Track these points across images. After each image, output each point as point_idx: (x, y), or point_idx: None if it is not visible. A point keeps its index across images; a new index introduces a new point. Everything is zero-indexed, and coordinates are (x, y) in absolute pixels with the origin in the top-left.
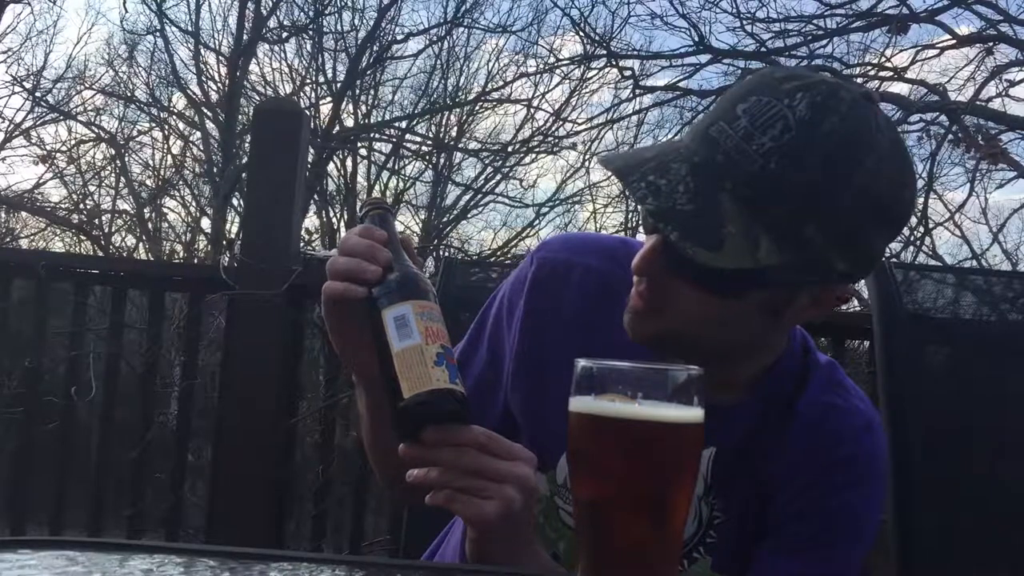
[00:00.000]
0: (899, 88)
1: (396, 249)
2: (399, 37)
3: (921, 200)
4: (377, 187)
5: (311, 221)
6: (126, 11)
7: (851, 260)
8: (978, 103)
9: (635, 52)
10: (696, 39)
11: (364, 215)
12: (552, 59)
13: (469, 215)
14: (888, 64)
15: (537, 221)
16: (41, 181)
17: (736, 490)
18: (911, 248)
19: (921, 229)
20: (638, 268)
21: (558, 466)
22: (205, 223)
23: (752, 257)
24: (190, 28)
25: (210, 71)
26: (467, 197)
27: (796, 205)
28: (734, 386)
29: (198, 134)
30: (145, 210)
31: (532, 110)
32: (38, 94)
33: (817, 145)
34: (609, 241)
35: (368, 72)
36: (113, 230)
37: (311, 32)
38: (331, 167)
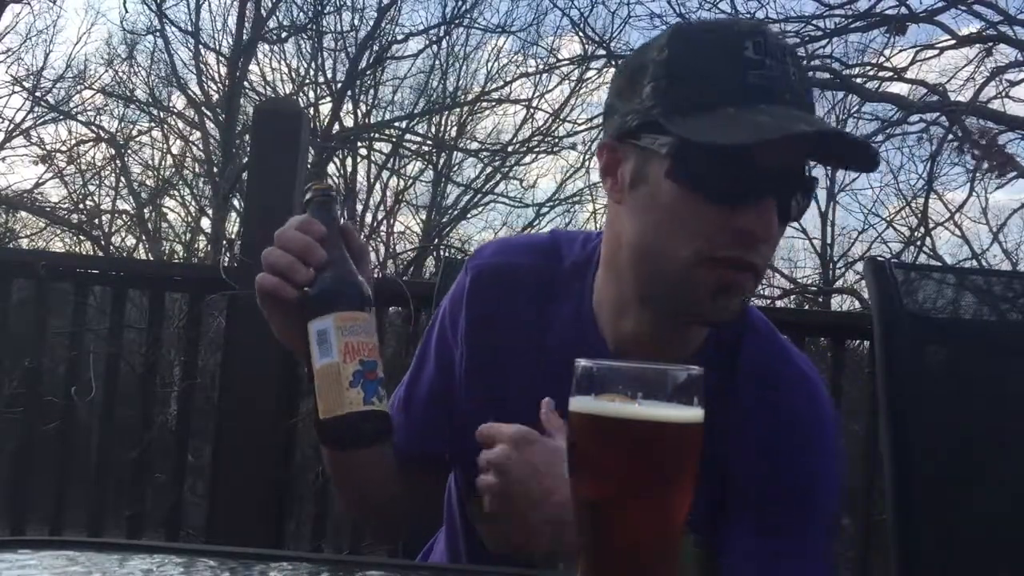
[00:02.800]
0: (899, 88)
1: (335, 245)
2: (399, 37)
3: (921, 200)
4: (377, 187)
5: None
6: (126, 11)
7: None
8: (978, 103)
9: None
10: None
11: (307, 203)
12: (552, 59)
13: (469, 215)
14: (888, 64)
15: (537, 221)
16: (41, 181)
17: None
18: (911, 248)
19: (921, 229)
20: (771, 229)
21: None
22: (205, 223)
23: None
24: (190, 28)
25: (210, 71)
26: (467, 197)
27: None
28: (684, 349)
29: (198, 134)
30: (145, 210)
31: (532, 110)
32: (38, 94)
33: (799, 57)
34: (538, 239)
35: (368, 72)
36: (113, 230)
37: (311, 32)
38: (331, 167)
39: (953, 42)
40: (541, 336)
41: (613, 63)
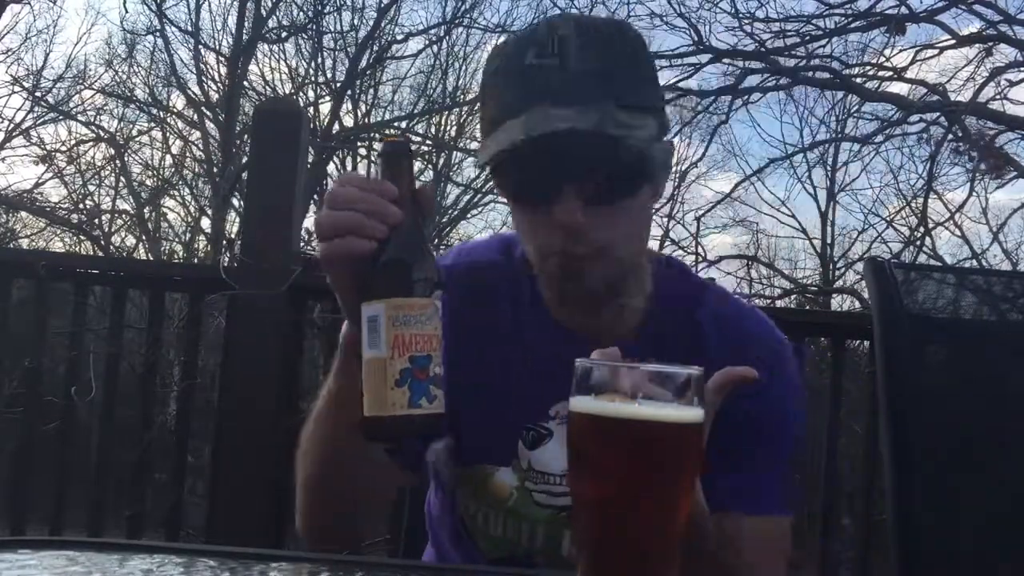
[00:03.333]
0: (899, 88)
1: (405, 212)
2: (399, 37)
3: (921, 200)
4: None
5: (311, 221)
6: (126, 11)
7: (665, 114)
8: (978, 103)
9: None
10: (695, 39)
11: (378, 155)
12: None
13: (469, 215)
14: (888, 64)
15: None
16: (41, 181)
17: None
18: (911, 248)
19: (921, 229)
20: (573, 227)
21: (519, 454)
22: (205, 223)
23: (648, 127)
24: (190, 28)
25: (210, 71)
26: (467, 197)
27: (632, 74)
28: (629, 318)
29: (198, 134)
30: (145, 210)
31: None
32: (38, 94)
33: (600, 34)
34: (488, 240)
35: (368, 72)
36: (113, 230)
37: (311, 32)
38: (331, 167)
39: (953, 42)
40: (503, 327)
41: None
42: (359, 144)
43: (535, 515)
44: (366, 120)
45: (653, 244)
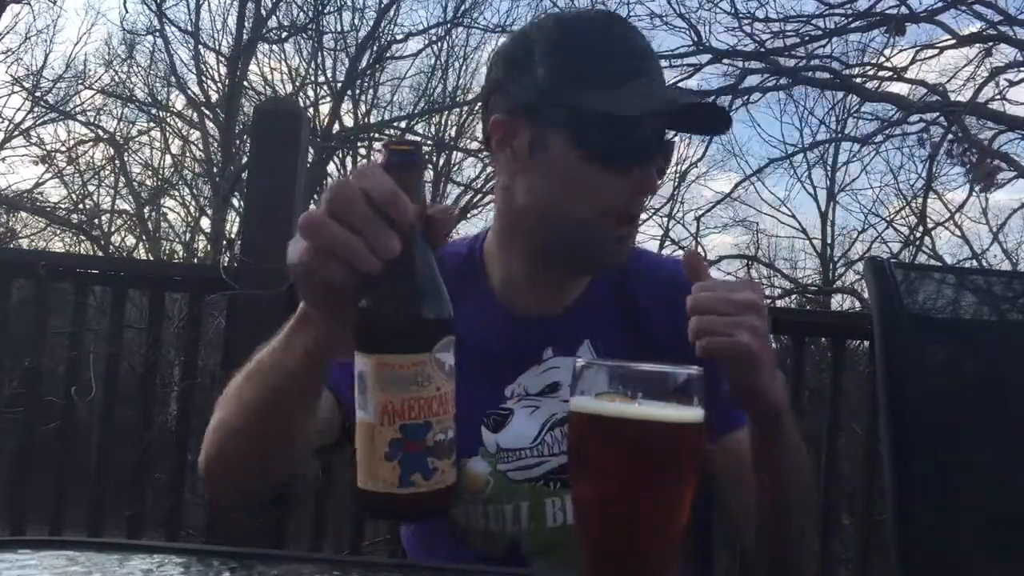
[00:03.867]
0: (899, 88)
1: (410, 239)
2: (399, 37)
3: (920, 200)
4: None
5: None
6: (126, 11)
7: None
8: (977, 104)
9: None
10: (695, 39)
11: (389, 163)
12: None
13: (469, 215)
14: (888, 64)
15: None
16: (41, 181)
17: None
18: (910, 248)
19: (920, 229)
20: (655, 185)
21: (484, 441)
22: (205, 223)
23: None
24: (190, 28)
25: (210, 71)
26: (467, 197)
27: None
28: (578, 284)
29: (198, 134)
30: (145, 210)
31: None
32: (38, 94)
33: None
34: (461, 238)
35: (368, 72)
36: (113, 230)
37: (311, 32)
38: (331, 167)
39: (953, 42)
40: (462, 317)
41: None
42: (359, 144)
43: (515, 492)
44: (366, 120)
45: (654, 244)
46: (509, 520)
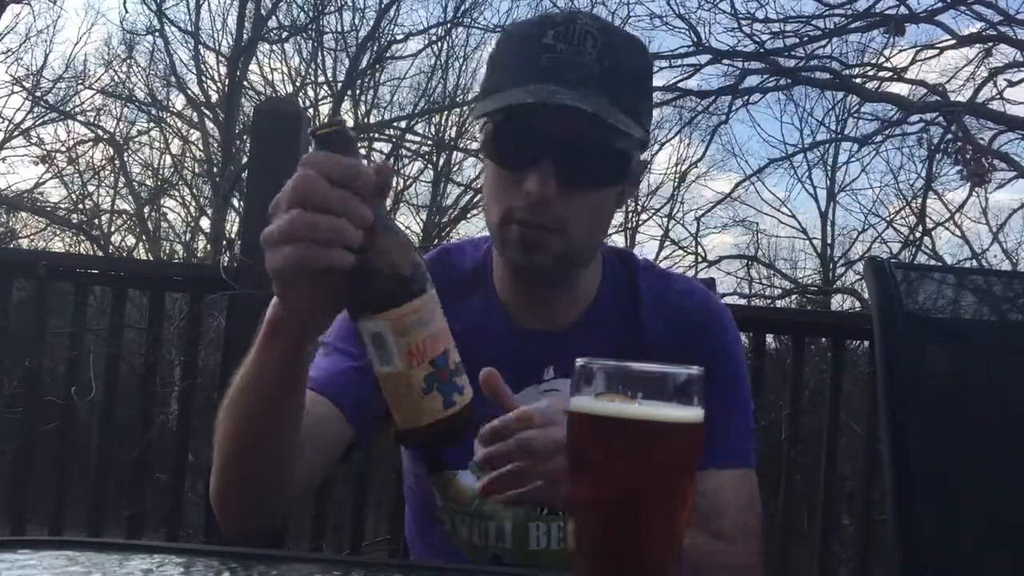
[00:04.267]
0: (899, 88)
1: (372, 204)
2: (399, 37)
3: (920, 200)
4: None
5: None
6: (126, 11)
7: (648, 131)
8: (977, 104)
9: None
10: (694, 39)
11: (320, 143)
12: None
13: (469, 215)
14: (888, 64)
15: None
16: (41, 181)
17: None
18: (910, 248)
19: (920, 228)
20: (543, 198)
21: (476, 453)
22: (205, 223)
23: (637, 132)
24: (190, 28)
25: (210, 71)
26: (467, 197)
27: (634, 89)
28: (578, 306)
29: (198, 134)
30: (145, 210)
31: None
32: (38, 94)
33: (621, 44)
34: (467, 239)
35: (368, 72)
36: (113, 230)
37: (311, 32)
38: None
39: (953, 42)
40: (468, 325)
41: None
42: (359, 144)
43: (499, 511)
44: (366, 120)
45: (654, 244)
46: (492, 536)
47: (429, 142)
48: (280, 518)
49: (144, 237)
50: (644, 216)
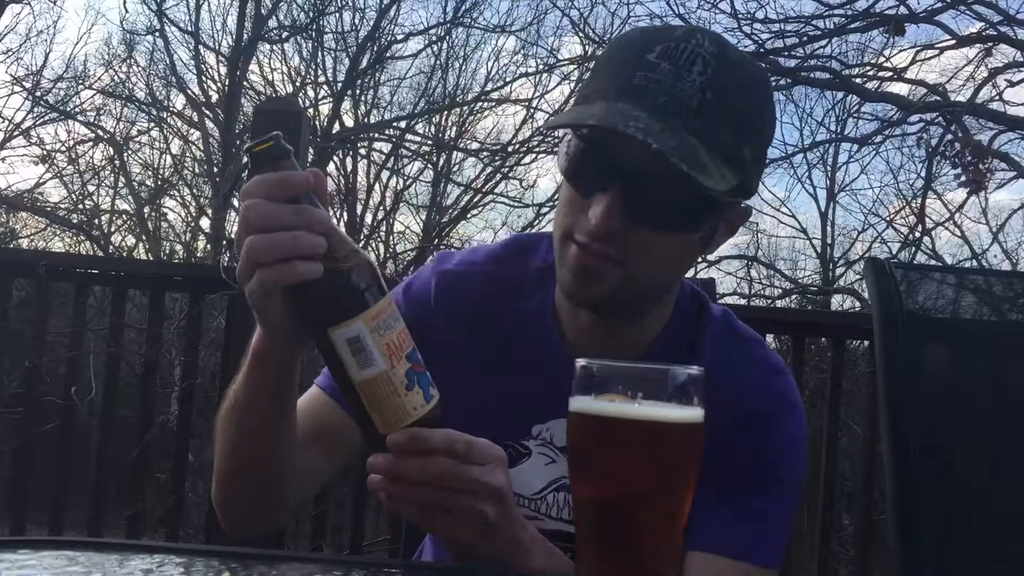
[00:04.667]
0: (899, 88)
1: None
2: (399, 37)
3: (920, 200)
4: (377, 187)
5: None
6: (126, 11)
7: (758, 178)
8: (976, 104)
9: None
10: None
11: (257, 163)
12: (552, 59)
13: (469, 215)
14: (888, 64)
15: (537, 221)
16: (41, 181)
17: None
18: (911, 248)
19: (919, 228)
20: (603, 227)
21: None
22: (205, 223)
23: (724, 180)
24: (190, 28)
25: (210, 71)
26: (467, 197)
27: (736, 129)
28: (639, 344)
29: (198, 134)
30: (145, 210)
31: (532, 110)
32: (38, 94)
33: (735, 75)
34: (498, 248)
35: (368, 72)
36: (113, 230)
37: (311, 32)
38: (331, 167)
39: (953, 42)
40: (503, 336)
41: None
42: (359, 144)
43: None
44: (366, 120)
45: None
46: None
47: (429, 142)
48: (284, 521)
49: (144, 237)
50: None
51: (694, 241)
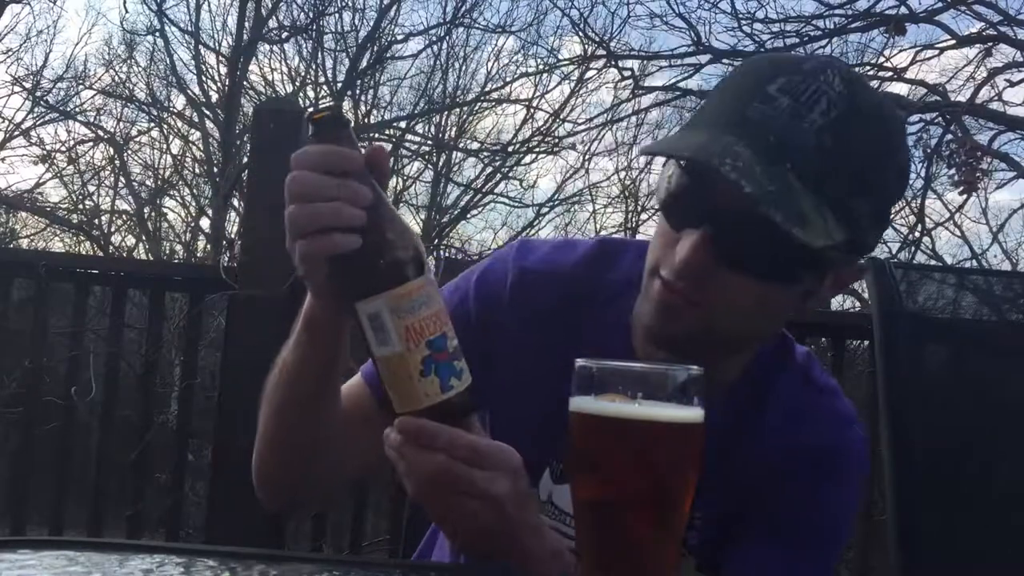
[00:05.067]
0: (899, 88)
1: (368, 185)
2: (399, 37)
3: (920, 200)
4: None
5: None
6: (126, 11)
7: (877, 236)
8: (976, 104)
9: (634, 52)
10: (694, 39)
11: (318, 130)
12: (552, 59)
13: (469, 215)
14: (888, 64)
15: (537, 221)
16: (41, 181)
17: (715, 490)
18: (910, 248)
19: (919, 228)
20: (687, 266)
21: (542, 484)
22: (205, 223)
23: (826, 235)
24: (190, 28)
25: (210, 71)
26: (467, 197)
27: (852, 181)
28: (715, 386)
29: (198, 134)
30: (145, 210)
31: (532, 110)
32: (38, 94)
33: (862, 120)
34: (585, 247)
35: (368, 72)
36: (113, 230)
37: (311, 32)
38: None
39: (953, 42)
40: (575, 345)
41: (613, 63)
42: (359, 144)
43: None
44: (366, 120)
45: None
46: None
47: (429, 142)
48: (323, 499)
49: (144, 237)
50: (644, 216)
51: (791, 294)
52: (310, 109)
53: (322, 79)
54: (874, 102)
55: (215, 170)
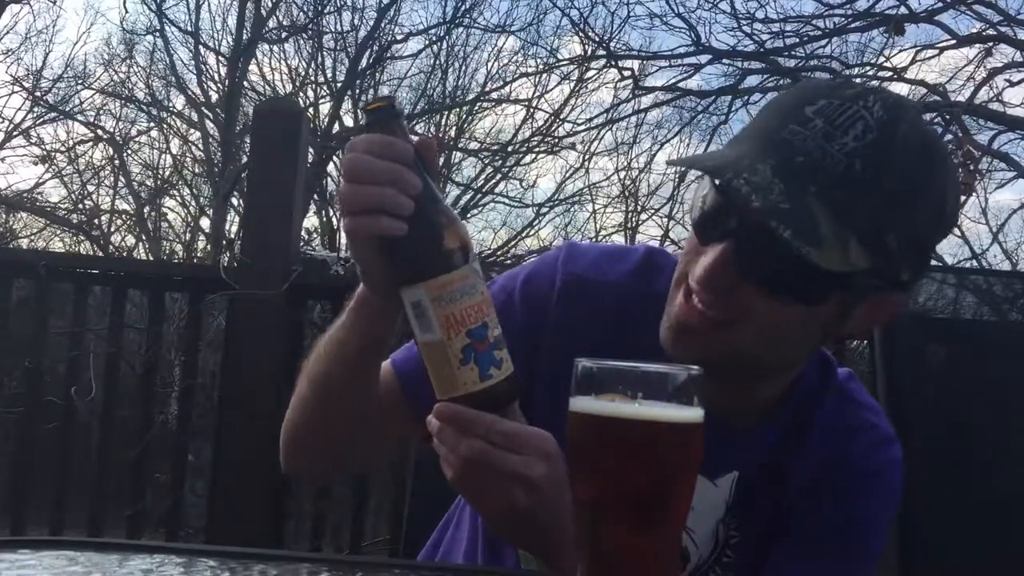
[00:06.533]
0: (899, 88)
1: (419, 175)
2: (399, 37)
3: None
4: None
5: (311, 221)
6: (126, 11)
7: (914, 270)
8: (975, 104)
9: (634, 52)
10: (694, 39)
11: (372, 121)
12: (552, 59)
13: (469, 215)
14: (887, 64)
15: (537, 221)
16: (41, 181)
17: (755, 511)
18: None
19: None
20: (708, 280)
21: None
22: (205, 223)
23: (845, 260)
24: (190, 28)
25: (210, 71)
26: (467, 197)
27: (882, 209)
28: (755, 408)
29: (198, 134)
30: (145, 210)
31: (532, 110)
32: (38, 94)
33: (898, 148)
34: (634, 256)
35: (368, 72)
36: (113, 230)
37: (311, 32)
38: (331, 167)
39: (953, 42)
40: (626, 353)
41: (613, 63)
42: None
43: None
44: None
45: (654, 245)
46: None
47: None
48: (340, 470)
49: (144, 237)
50: (644, 216)
51: (815, 319)
52: (366, 100)
53: (322, 79)
54: (917, 134)
55: (215, 170)
